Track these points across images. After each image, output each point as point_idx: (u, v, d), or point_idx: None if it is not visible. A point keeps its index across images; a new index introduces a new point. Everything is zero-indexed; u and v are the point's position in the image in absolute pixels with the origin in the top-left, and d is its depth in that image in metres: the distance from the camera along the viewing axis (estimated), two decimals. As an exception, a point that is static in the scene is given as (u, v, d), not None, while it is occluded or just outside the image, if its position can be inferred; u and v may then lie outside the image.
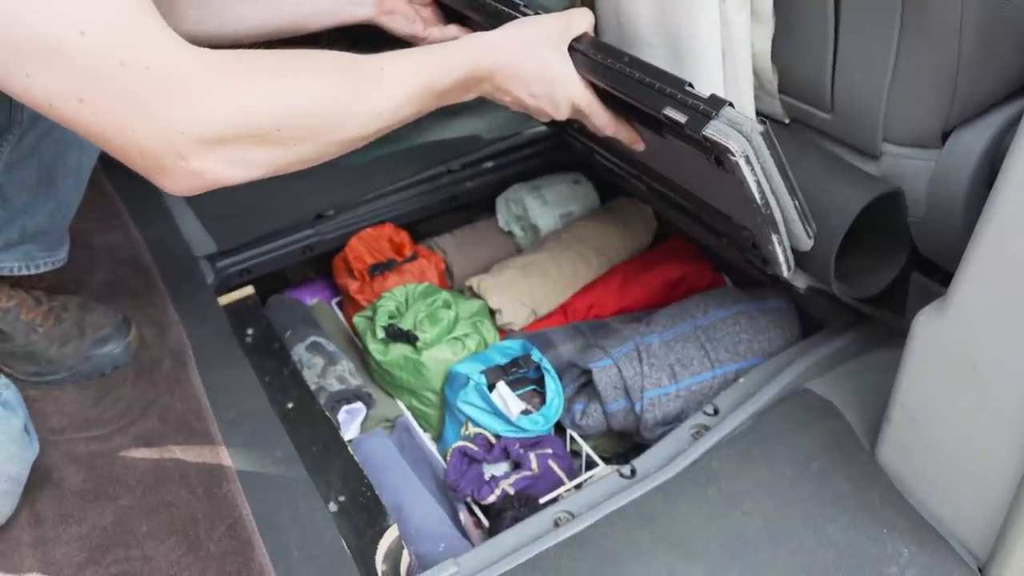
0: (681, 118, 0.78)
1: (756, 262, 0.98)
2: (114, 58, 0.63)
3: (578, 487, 1.10)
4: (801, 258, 0.92)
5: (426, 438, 1.25)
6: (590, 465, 1.18)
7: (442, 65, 0.84)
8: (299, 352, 1.26)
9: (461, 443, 1.12)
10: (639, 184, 1.22)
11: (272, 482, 0.99)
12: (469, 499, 1.09)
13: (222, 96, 0.68)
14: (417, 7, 1.12)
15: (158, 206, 1.46)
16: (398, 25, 1.11)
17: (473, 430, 1.15)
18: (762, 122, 0.76)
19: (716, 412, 1.04)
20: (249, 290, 1.34)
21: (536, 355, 1.20)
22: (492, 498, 1.06)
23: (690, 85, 0.79)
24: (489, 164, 1.63)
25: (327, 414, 1.11)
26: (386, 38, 1.11)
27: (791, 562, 0.86)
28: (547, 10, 0.94)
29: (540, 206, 1.54)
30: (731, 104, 0.76)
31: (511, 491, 1.06)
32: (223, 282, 1.37)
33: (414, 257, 1.43)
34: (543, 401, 1.18)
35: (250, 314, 1.29)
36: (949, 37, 0.78)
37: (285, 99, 0.72)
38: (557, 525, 0.92)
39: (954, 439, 0.84)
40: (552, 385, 1.17)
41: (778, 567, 0.86)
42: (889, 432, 0.92)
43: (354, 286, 1.41)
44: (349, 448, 1.06)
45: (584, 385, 1.21)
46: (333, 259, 1.47)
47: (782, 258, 0.89)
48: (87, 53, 0.62)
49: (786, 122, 1.03)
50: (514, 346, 1.23)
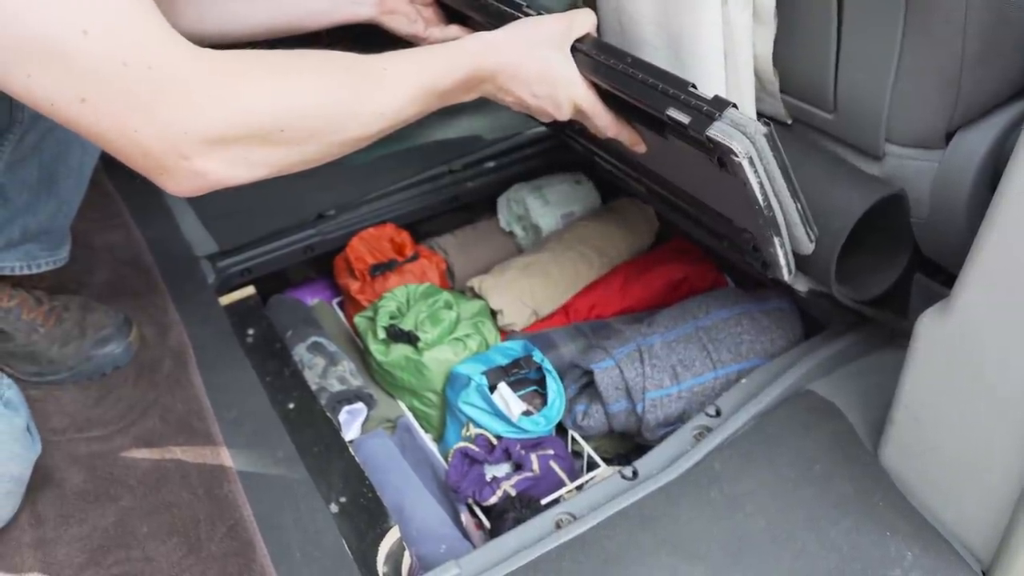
0: (684, 119, 0.78)
1: (756, 265, 0.97)
2: (116, 58, 0.63)
3: (579, 488, 1.10)
4: (802, 261, 0.92)
5: (427, 439, 1.25)
6: (591, 466, 1.18)
7: (444, 65, 0.83)
8: (300, 352, 1.26)
9: (462, 444, 1.12)
10: (639, 187, 1.22)
11: (273, 483, 0.99)
12: (470, 500, 1.09)
13: (225, 96, 0.68)
14: (418, 7, 1.11)
15: (159, 206, 1.46)
16: (399, 25, 1.11)
17: (474, 431, 1.15)
18: (766, 124, 0.75)
19: (718, 413, 1.03)
20: (250, 290, 1.34)
21: (537, 356, 1.19)
22: (493, 499, 1.06)
23: (693, 86, 0.79)
24: (491, 164, 1.63)
25: (328, 415, 1.11)
26: (387, 38, 1.11)
27: (794, 565, 0.86)
28: (549, 11, 0.93)
29: (542, 206, 1.54)
30: (734, 105, 0.76)
31: (512, 492, 1.06)
32: (224, 282, 1.37)
33: (415, 257, 1.43)
34: (544, 402, 1.18)
35: (251, 314, 1.29)
36: (953, 37, 0.77)
37: (288, 99, 0.72)
38: (559, 527, 0.92)
39: (958, 441, 0.84)
40: (553, 386, 1.17)
41: (780, 570, 0.86)
42: (892, 434, 0.92)
43: (355, 286, 1.41)
44: (350, 449, 1.06)
45: (586, 386, 1.20)
46: (334, 259, 1.47)
47: (783, 261, 0.89)
48: (89, 53, 0.62)
49: (788, 123, 1.02)
50: (515, 347, 1.22)
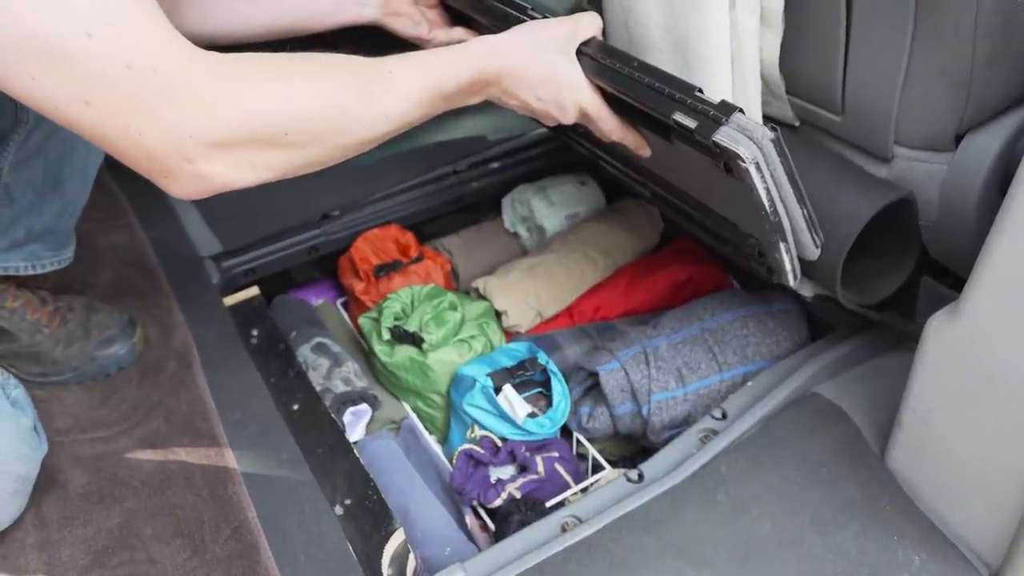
0: (691, 124, 0.77)
1: (762, 271, 0.97)
2: (120, 61, 0.62)
3: (584, 491, 1.10)
4: (807, 267, 0.92)
5: (431, 440, 1.24)
6: (596, 468, 1.17)
7: (450, 68, 0.83)
8: (304, 353, 1.26)
9: (467, 446, 1.12)
10: (644, 190, 1.22)
11: (277, 484, 0.98)
12: (475, 502, 1.09)
13: (230, 99, 0.68)
14: (423, 9, 1.11)
15: (164, 206, 1.46)
16: (403, 27, 1.10)
17: (479, 433, 1.14)
18: (773, 129, 0.75)
19: (724, 416, 1.03)
20: (254, 290, 1.34)
21: (542, 358, 1.19)
22: (498, 501, 1.05)
23: (700, 90, 0.78)
24: (495, 165, 1.62)
25: (332, 416, 1.10)
26: (391, 40, 1.10)
27: (800, 570, 0.86)
28: (553, 13, 0.93)
29: (546, 207, 1.54)
30: (741, 110, 0.76)
31: (517, 495, 1.06)
32: (228, 282, 1.37)
33: (420, 258, 1.43)
34: (549, 404, 1.17)
35: (255, 315, 1.28)
36: (963, 39, 0.77)
37: (293, 102, 0.71)
38: (564, 530, 0.91)
39: (966, 445, 0.84)
40: (558, 388, 1.16)
41: (787, 575, 0.85)
42: (900, 437, 0.91)
43: (359, 287, 1.40)
44: (355, 450, 1.06)
45: (591, 388, 1.20)
46: (339, 260, 1.47)
47: (789, 267, 0.88)
48: (93, 56, 0.62)
49: (796, 125, 1.02)
50: (520, 348, 1.22)
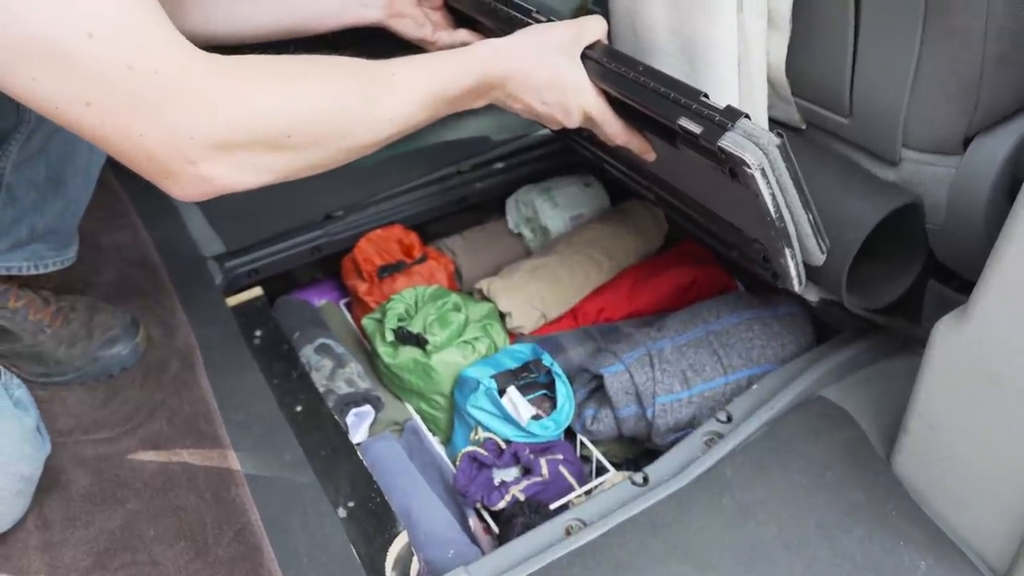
0: (696, 129, 0.77)
1: (767, 276, 0.97)
2: (122, 62, 0.62)
3: (589, 493, 1.09)
4: (813, 272, 0.91)
5: (435, 442, 1.24)
6: (600, 471, 1.17)
7: (454, 71, 0.82)
8: (307, 354, 1.25)
9: (471, 448, 1.11)
10: (648, 194, 1.21)
11: (281, 487, 0.98)
12: (479, 505, 1.08)
13: (232, 100, 0.67)
14: (427, 11, 1.11)
15: (167, 206, 1.45)
16: (407, 29, 1.10)
17: (483, 435, 1.14)
18: (779, 135, 0.74)
19: (729, 419, 1.03)
20: (257, 291, 1.33)
21: (547, 359, 1.19)
22: (502, 504, 1.05)
23: (705, 96, 0.78)
24: (499, 165, 1.62)
25: (336, 417, 1.10)
26: (395, 42, 1.10)
27: (806, 574, 0.85)
28: (557, 15, 0.92)
29: (550, 208, 1.53)
30: (747, 116, 0.75)
31: (521, 497, 1.05)
32: (231, 283, 1.37)
33: (423, 259, 1.42)
34: (553, 406, 1.17)
35: (258, 315, 1.28)
36: (973, 41, 0.76)
37: (296, 104, 0.71)
38: (569, 533, 0.91)
39: (973, 450, 0.83)
40: (563, 390, 1.16)
41: (793, 579, 0.85)
42: (906, 442, 0.91)
43: (363, 287, 1.40)
44: (358, 452, 1.05)
45: (595, 390, 1.20)
46: (342, 260, 1.47)
47: (794, 272, 0.88)
48: (94, 56, 0.61)
49: (802, 128, 1.01)
50: (524, 350, 1.21)
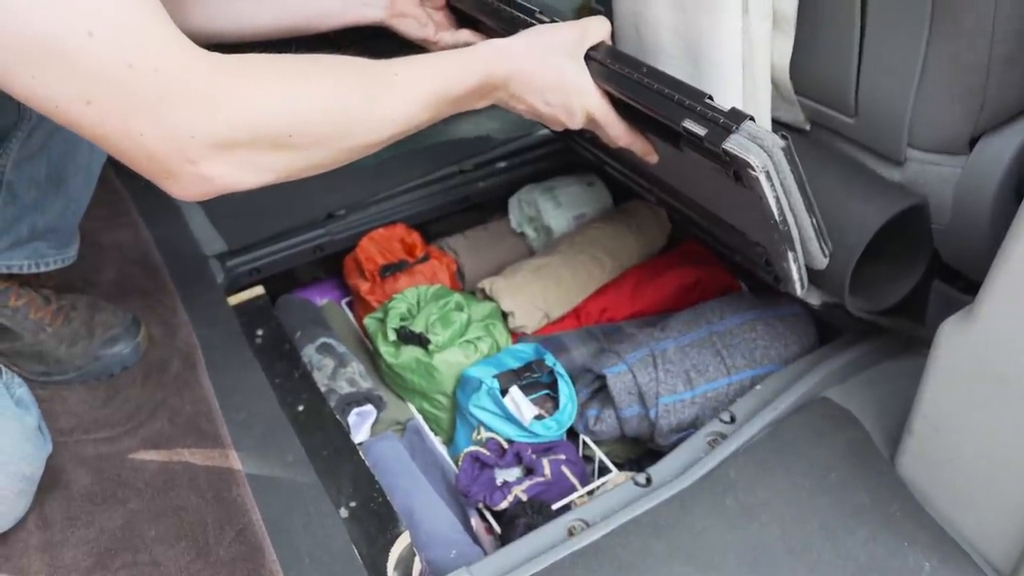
0: (700, 131, 0.76)
1: (769, 279, 0.96)
2: (122, 60, 0.61)
3: (591, 493, 1.09)
4: (815, 275, 0.91)
5: (437, 442, 1.23)
6: (603, 471, 1.17)
7: (457, 72, 0.82)
8: (309, 353, 1.25)
9: (473, 448, 1.11)
10: (650, 196, 1.21)
11: (282, 486, 0.98)
12: (481, 505, 1.08)
13: (233, 100, 0.67)
14: (429, 10, 1.10)
15: (168, 204, 1.45)
16: (409, 28, 1.09)
17: (485, 435, 1.13)
18: (783, 137, 0.74)
19: (733, 420, 1.02)
20: (259, 290, 1.33)
21: (549, 359, 1.18)
22: (504, 504, 1.05)
23: (710, 97, 0.78)
24: (502, 164, 1.62)
25: (337, 417, 1.10)
26: (397, 42, 1.09)
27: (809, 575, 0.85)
28: (561, 16, 0.92)
29: (553, 207, 1.53)
30: (752, 118, 0.75)
31: (524, 497, 1.05)
32: (233, 281, 1.36)
33: (426, 258, 1.42)
34: (556, 406, 1.17)
35: (260, 314, 1.28)
36: (980, 41, 0.76)
37: (297, 103, 0.71)
38: (571, 534, 0.91)
39: (979, 451, 0.83)
40: (565, 390, 1.16)
41: (797, 580, 0.85)
42: (910, 443, 0.90)
43: (365, 287, 1.39)
44: (360, 452, 1.05)
45: (598, 390, 1.19)
46: (344, 259, 1.46)
47: (796, 276, 0.88)
48: (94, 55, 0.61)
49: (806, 128, 1.01)
50: (527, 350, 1.21)
